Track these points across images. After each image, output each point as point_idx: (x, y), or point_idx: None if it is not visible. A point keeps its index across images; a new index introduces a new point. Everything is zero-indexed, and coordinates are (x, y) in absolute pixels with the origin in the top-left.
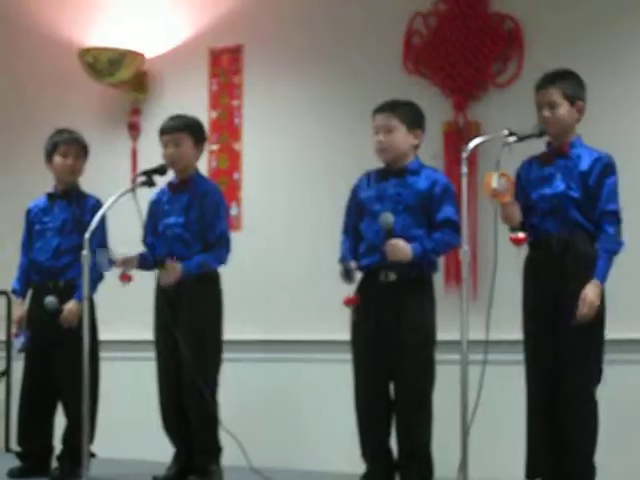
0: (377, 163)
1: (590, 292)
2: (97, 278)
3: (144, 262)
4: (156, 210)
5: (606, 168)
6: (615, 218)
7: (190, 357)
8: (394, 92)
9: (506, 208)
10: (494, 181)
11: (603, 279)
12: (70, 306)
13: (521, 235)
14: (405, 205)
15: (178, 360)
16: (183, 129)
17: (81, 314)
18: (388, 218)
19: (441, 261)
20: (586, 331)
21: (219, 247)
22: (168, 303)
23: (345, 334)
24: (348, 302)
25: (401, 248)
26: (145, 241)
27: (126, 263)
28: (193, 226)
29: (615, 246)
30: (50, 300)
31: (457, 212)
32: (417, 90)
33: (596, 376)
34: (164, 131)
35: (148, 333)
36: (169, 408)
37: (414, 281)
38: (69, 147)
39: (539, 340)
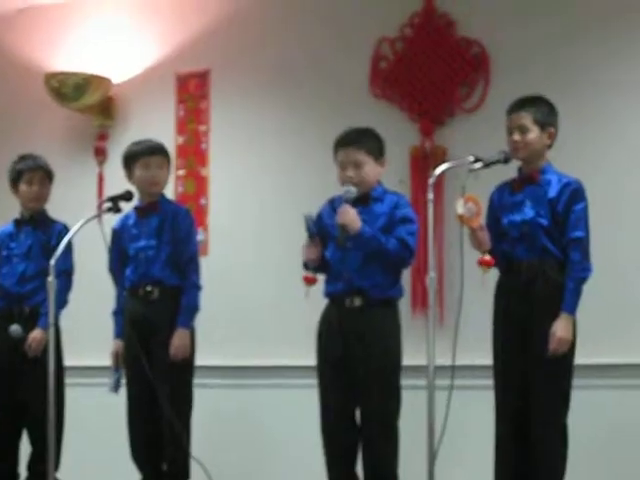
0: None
1: (559, 328)
2: (62, 304)
3: None
4: (121, 236)
5: (574, 194)
6: (581, 245)
7: (165, 391)
8: (361, 116)
9: (475, 233)
10: (460, 207)
11: (572, 310)
12: (34, 334)
13: (488, 257)
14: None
15: (151, 390)
16: (164, 152)
17: (46, 342)
18: (351, 190)
19: (408, 287)
20: (556, 358)
21: (189, 288)
22: (140, 336)
23: (311, 359)
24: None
25: (352, 214)
26: (111, 268)
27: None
28: (165, 248)
29: (581, 274)
30: (15, 328)
31: (413, 235)
32: (384, 114)
33: (565, 403)
34: (147, 152)
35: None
36: (139, 435)
37: (379, 306)
38: (34, 174)
39: (508, 365)
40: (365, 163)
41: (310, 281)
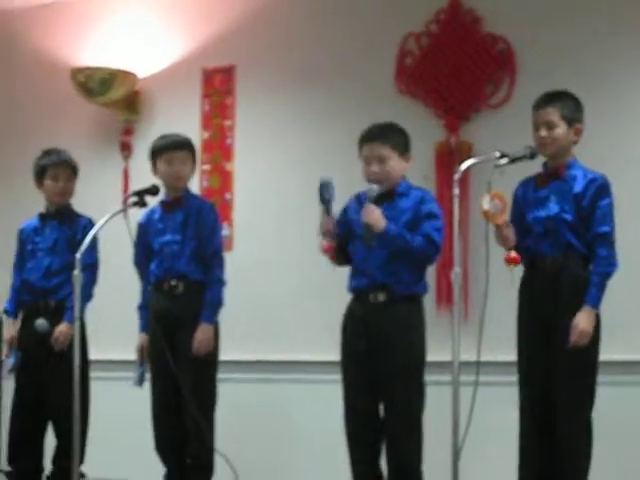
0: (368, 185)
1: (582, 320)
2: (87, 298)
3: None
4: (147, 231)
5: (600, 190)
6: (607, 240)
7: (189, 386)
8: (386, 112)
9: (500, 230)
10: (486, 203)
11: (596, 304)
12: (61, 328)
13: (514, 254)
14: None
15: (175, 384)
16: (188, 147)
17: (72, 336)
18: (374, 189)
19: (432, 282)
20: (580, 353)
21: (213, 282)
22: (164, 331)
23: (334, 355)
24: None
25: (377, 213)
26: (136, 262)
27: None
28: (190, 243)
29: (607, 269)
30: (41, 323)
31: (439, 231)
32: (409, 110)
33: (590, 400)
34: (170, 148)
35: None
36: (164, 429)
37: (404, 302)
38: (59, 169)
39: (532, 361)
40: (390, 158)
41: (328, 250)
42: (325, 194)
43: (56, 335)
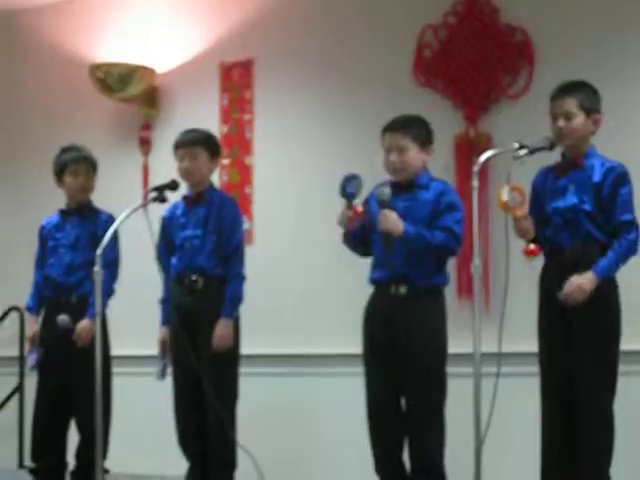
0: (388, 175)
1: (580, 278)
2: (109, 293)
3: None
4: (170, 225)
5: (619, 178)
6: (633, 227)
7: (210, 380)
8: (405, 104)
9: (519, 222)
10: (505, 195)
11: (600, 274)
12: (83, 324)
13: (533, 246)
14: (413, 220)
15: (197, 379)
16: (199, 143)
17: (94, 331)
18: (384, 191)
19: (453, 274)
20: (600, 343)
21: (233, 277)
22: (185, 326)
23: (357, 347)
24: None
25: (393, 219)
26: (158, 256)
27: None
28: (211, 238)
29: (629, 250)
30: (62, 318)
31: (460, 222)
32: (428, 102)
33: (611, 388)
34: (180, 145)
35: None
36: (186, 424)
37: (425, 294)
38: (79, 165)
39: (553, 352)
40: (409, 149)
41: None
42: (348, 188)
43: (78, 331)
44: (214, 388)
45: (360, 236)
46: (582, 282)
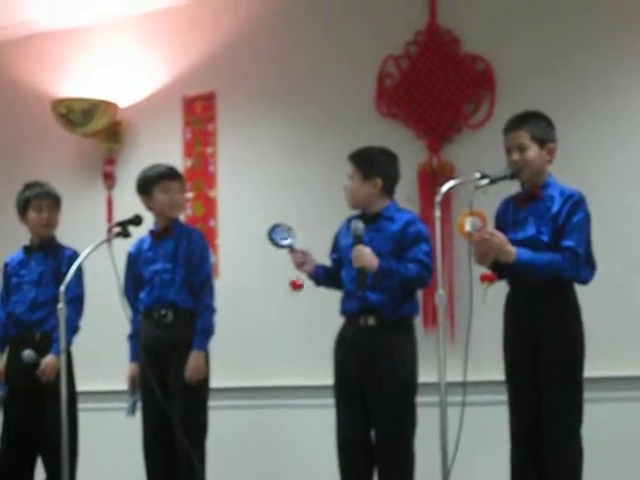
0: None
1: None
2: (73, 330)
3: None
4: (137, 260)
5: (574, 205)
6: (571, 252)
7: (179, 417)
8: (368, 135)
9: (478, 246)
10: (468, 224)
11: (520, 258)
12: (48, 360)
13: (489, 272)
14: (378, 251)
15: (166, 415)
16: (182, 177)
17: (59, 368)
18: (358, 226)
19: (419, 304)
20: (567, 368)
21: (203, 310)
22: (155, 360)
23: (325, 379)
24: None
25: (367, 255)
26: (126, 292)
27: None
28: (180, 271)
29: (557, 266)
30: (27, 353)
31: (429, 254)
32: (391, 132)
33: (579, 415)
34: (171, 176)
35: (124, 383)
36: (155, 460)
37: (394, 325)
38: (42, 201)
39: (520, 380)
40: (351, 178)
41: (296, 287)
42: (278, 239)
43: (43, 367)
44: (184, 423)
45: (326, 275)
46: (508, 247)
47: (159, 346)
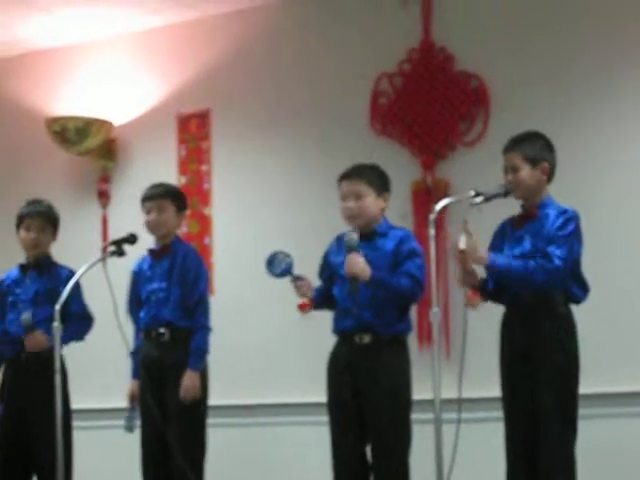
0: (347, 226)
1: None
2: (78, 338)
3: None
4: (138, 279)
5: (566, 220)
6: (553, 258)
7: (177, 436)
8: (363, 153)
9: (466, 264)
10: (462, 243)
11: (491, 261)
12: (36, 334)
13: (470, 293)
14: (374, 267)
15: (164, 433)
16: (166, 196)
17: (53, 387)
18: (352, 237)
19: (413, 321)
20: (561, 386)
21: (198, 329)
22: (153, 379)
23: (320, 396)
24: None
25: (360, 263)
26: (129, 310)
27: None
28: (175, 290)
29: (533, 273)
30: (25, 316)
31: (421, 268)
32: (385, 150)
33: (573, 432)
34: (148, 198)
35: (121, 401)
36: (153, 477)
37: (389, 343)
38: (32, 221)
39: (516, 398)
40: (366, 195)
41: (304, 307)
42: (276, 270)
43: (30, 339)
44: (182, 442)
45: (321, 297)
46: (481, 253)
47: (157, 366)
